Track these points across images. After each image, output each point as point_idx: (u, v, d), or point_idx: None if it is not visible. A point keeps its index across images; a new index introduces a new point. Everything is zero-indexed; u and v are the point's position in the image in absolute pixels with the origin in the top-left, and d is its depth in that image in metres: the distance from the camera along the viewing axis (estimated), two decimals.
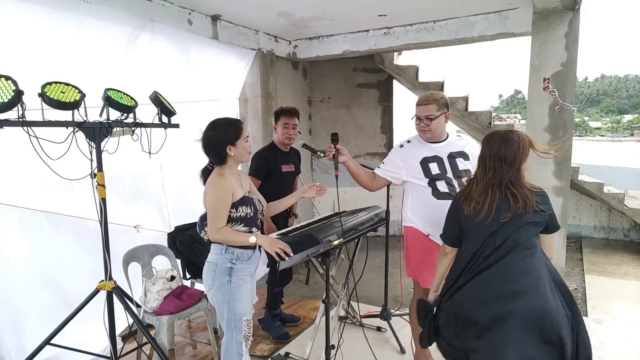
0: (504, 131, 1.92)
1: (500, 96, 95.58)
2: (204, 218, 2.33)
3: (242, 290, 2.23)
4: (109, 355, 2.58)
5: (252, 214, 2.24)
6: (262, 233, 2.47)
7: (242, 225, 2.21)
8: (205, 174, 2.29)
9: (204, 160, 2.32)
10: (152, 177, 3.61)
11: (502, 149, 1.85)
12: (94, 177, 2.33)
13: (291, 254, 2.20)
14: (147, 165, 3.36)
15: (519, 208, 1.82)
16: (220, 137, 2.19)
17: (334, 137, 2.60)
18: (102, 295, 2.48)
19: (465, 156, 2.60)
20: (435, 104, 2.50)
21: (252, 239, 2.16)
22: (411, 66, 5.86)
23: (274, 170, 3.27)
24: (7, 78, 1.93)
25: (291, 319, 3.65)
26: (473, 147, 2.66)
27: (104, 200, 2.37)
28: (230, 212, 2.17)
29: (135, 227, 3.21)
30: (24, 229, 2.78)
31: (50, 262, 2.93)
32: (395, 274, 4.17)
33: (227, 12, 4.05)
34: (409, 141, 2.70)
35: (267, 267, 3.41)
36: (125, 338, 2.90)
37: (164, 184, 3.68)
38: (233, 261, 2.20)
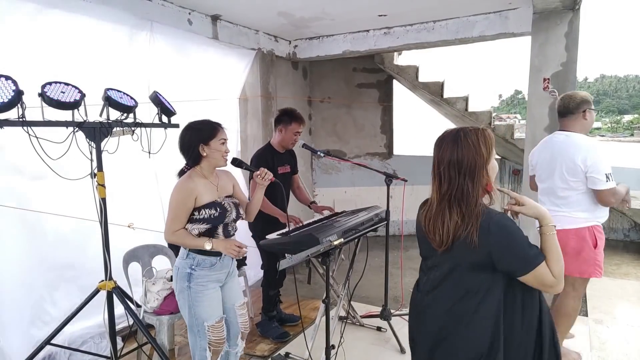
0: (456, 130, 1.48)
1: (500, 96, 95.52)
2: None
3: (204, 296, 2.19)
4: (109, 355, 2.58)
5: (216, 215, 2.20)
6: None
7: (205, 224, 2.18)
8: (181, 175, 2.28)
9: None
10: (146, 176, 3.58)
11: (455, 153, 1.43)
12: (94, 177, 2.33)
13: (245, 248, 2.21)
14: (142, 164, 3.33)
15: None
16: (193, 136, 2.18)
17: None
18: (102, 295, 2.48)
19: None
20: None
21: (208, 246, 2.14)
22: (411, 66, 5.86)
23: (272, 173, 3.27)
24: (7, 78, 1.93)
25: (291, 319, 3.65)
26: None
27: (104, 200, 2.37)
28: (193, 214, 2.16)
29: (129, 225, 3.20)
30: (23, 228, 2.78)
31: (51, 261, 2.93)
32: (395, 274, 4.17)
33: (227, 12, 4.05)
34: None
35: (262, 268, 3.44)
36: (125, 338, 2.91)
37: (159, 183, 3.66)
38: (193, 267, 2.19)
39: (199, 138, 2.18)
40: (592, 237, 2.62)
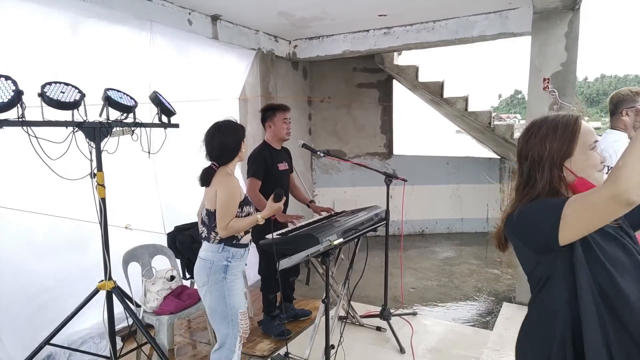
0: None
1: (500, 96, 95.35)
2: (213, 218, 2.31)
3: (237, 285, 2.34)
4: (109, 355, 2.58)
5: (253, 213, 2.38)
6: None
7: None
8: (210, 174, 2.31)
9: (198, 160, 2.37)
10: (146, 176, 3.57)
11: None
12: (94, 177, 2.33)
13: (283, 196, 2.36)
14: (142, 165, 3.32)
15: None
16: (236, 135, 2.32)
17: None
18: (102, 295, 2.48)
19: None
20: None
21: (259, 217, 2.31)
22: (411, 66, 5.86)
23: (272, 170, 3.27)
24: (7, 78, 1.93)
25: (304, 314, 3.73)
26: None
27: (103, 200, 2.37)
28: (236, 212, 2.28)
29: (126, 227, 3.20)
30: (22, 228, 2.78)
31: (50, 261, 2.93)
32: (395, 274, 4.17)
33: (227, 12, 4.05)
34: None
35: (259, 273, 3.46)
36: (124, 338, 2.91)
37: (158, 184, 3.65)
38: (229, 259, 2.29)
39: (240, 137, 2.34)
40: None
